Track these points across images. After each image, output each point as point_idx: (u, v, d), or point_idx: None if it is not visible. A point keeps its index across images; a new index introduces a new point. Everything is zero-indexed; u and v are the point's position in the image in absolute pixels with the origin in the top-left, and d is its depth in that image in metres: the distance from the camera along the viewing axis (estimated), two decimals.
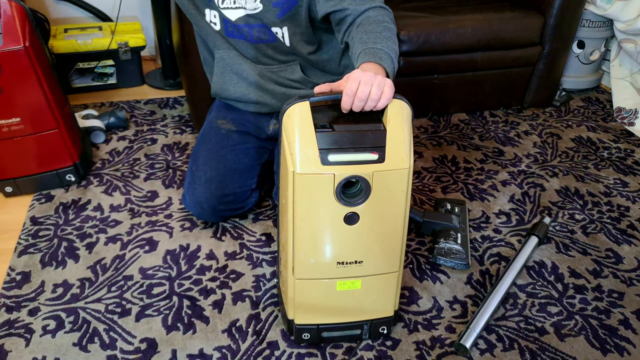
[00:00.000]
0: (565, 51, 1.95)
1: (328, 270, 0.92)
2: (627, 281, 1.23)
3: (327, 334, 1.02)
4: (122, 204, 1.43)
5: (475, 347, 1.05)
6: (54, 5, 2.16)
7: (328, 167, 0.81)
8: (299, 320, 0.99)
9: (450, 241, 1.27)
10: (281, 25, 1.16)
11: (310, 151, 0.81)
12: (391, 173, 0.83)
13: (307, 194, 0.84)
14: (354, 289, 0.95)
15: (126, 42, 2.01)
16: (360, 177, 0.82)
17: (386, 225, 0.89)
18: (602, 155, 1.74)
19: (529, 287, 1.20)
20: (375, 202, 0.85)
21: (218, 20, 1.19)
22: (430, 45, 1.75)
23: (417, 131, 1.86)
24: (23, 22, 1.35)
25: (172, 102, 1.99)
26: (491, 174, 1.62)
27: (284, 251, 0.96)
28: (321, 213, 0.86)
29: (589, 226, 1.41)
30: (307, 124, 0.82)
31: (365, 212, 0.86)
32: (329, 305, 0.97)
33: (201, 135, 1.35)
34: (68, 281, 1.18)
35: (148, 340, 1.05)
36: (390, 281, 0.96)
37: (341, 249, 0.89)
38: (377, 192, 0.84)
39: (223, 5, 1.15)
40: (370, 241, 0.89)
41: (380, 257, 0.92)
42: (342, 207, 0.84)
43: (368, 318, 1.01)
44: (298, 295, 0.96)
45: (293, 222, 0.87)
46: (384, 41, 1.00)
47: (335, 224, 0.86)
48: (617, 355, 1.05)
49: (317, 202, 0.84)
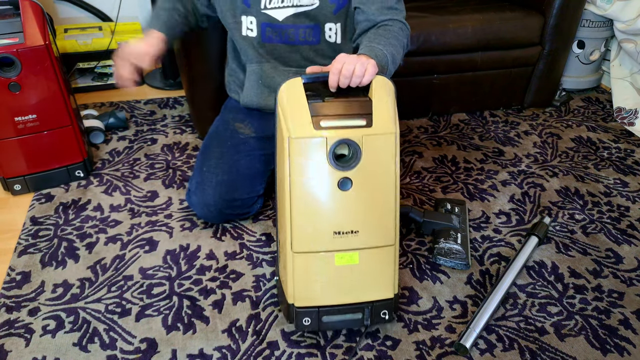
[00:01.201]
0: (565, 51, 1.95)
1: (325, 241, 0.93)
2: (627, 281, 1.23)
3: (327, 319, 1.00)
4: (122, 204, 1.43)
5: (475, 347, 1.05)
6: (55, 5, 2.16)
7: (320, 132, 0.88)
8: (299, 303, 0.98)
9: (450, 241, 1.27)
10: (336, 21, 1.18)
11: (303, 118, 0.89)
12: (379, 137, 0.90)
13: (302, 158, 0.89)
14: (353, 264, 0.96)
15: (126, 42, 2.01)
16: (350, 141, 0.89)
17: (378, 194, 0.93)
18: (602, 155, 1.74)
19: (529, 287, 1.20)
20: (366, 168, 0.91)
21: (255, 26, 1.19)
22: (430, 45, 1.75)
23: (417, 131, 1.86)
24: (41, 20, 1.37)
25: (172, 102, 1.99)
26: (491, 174, 1.62)
27: (282, 228, 0.97)
28: (316, 178, 0.90)
29: (589, 226, 1.41)
30: (300, 96, 0.91)
31: (357, 177, 0.91)
32: (328, 283, 0.97)
33: (215, 134, 1.33)
34: (68, 281, 1.18)
35: (148, 340, 1.05)
36: (388, 256, 0.97)
37: (337, 216, 0.92)
38: (367, 157, 0.90)
39: (270, 6, 1.16)
40: (364, 209, 0.93)
41: (375, 228, 0.95)
42: (336, 171, 0.90)
43: (368, 299, 1.00)
44: (297, 272, 0.96)
45: (290, 190, 0.91)
46: (386, 44, 1.04)
47: (330, 189, 0.91)
48: (617, 355, 1.05)
49: (311, 167, 0.90)
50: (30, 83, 1.32)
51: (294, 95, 0.91)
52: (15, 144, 1.39)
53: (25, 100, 1.34)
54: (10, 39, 1.31)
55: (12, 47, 1.28)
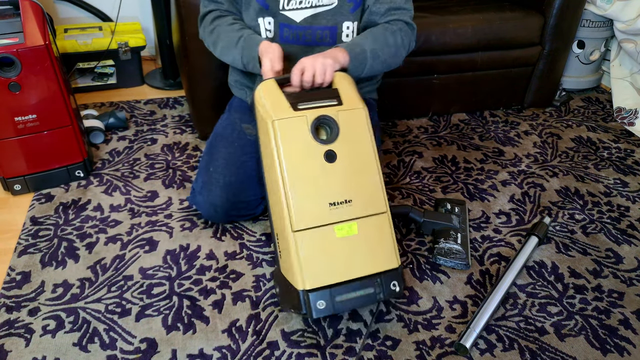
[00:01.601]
0: (565, 51, 1.95)
1: (324, 214, 0.98)
2: (627, 281, 1.23)
3: (340, 298, 0.99)
4: (122, 204, 1.43)
5: (475, 347, 1.05)
6: (55, 5, 2.16)
7: (299, 112, 1.00)
8: (310, 284, 0.96)
9: (450, 241, 1.27)
10: (353, 20, 1.21)
11: (282, 104, 1.01)
12: (351, 112, 1.03)
13: (287, 138, 0.98)
14: (352, 235, 0.99)
15: (126, 42, 2.01)
16: (328, 117, 1.00)
17: (361, 164, 1.03)
18: (602, 155, 1.74)
19: (529, 287, 1.20)
20: (346, 141, 1.01)
21: (273, 27, 1.21)
22: (430, 45, 1.75)
23: (417, 131, 1.86)
24: (41, 20, 1.37)
25: (172, 102, 1.99)
26: (491, 174, 1.62)
27: (279, 215, 0.99)
28: (303, 155, 0.99)
29: (589, 226, 1.41)
30: (275, 90, 1.04)
31: (340, 150, 1.01)
32: (333, 257, 0.98)
33: (221, 134, 1.32)
34: (68, 281, 1.18)
35: (148, 340, 1.05)
36: (383, 224, 1.03)
37: (329, 187, 0.99)
38: (344, 131, 1.01)
39: (288, 7, 1.17)
40: (352, 179, 1.01)
41: (365, 196, 1.02)
42: (320, 145, 0.99)
43: (376, 271, 1.01)
44: (301, 251, 0.96)
45: (281, 172, 0.97)
46: (372, 41, 1.12)
47: (318, 163, 0.99)
48: (617, 355, 1.05)
49: (297, 146, 0.98)
50: (30, 83, 1.32)
51: (269, 90, 1.04)
52: (15, 144, 1.39)
53: (25, 100, 1.34)
54: (10, 39, 1.31)
55: (12, 47, 1.28)
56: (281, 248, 1.03)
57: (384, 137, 1.81)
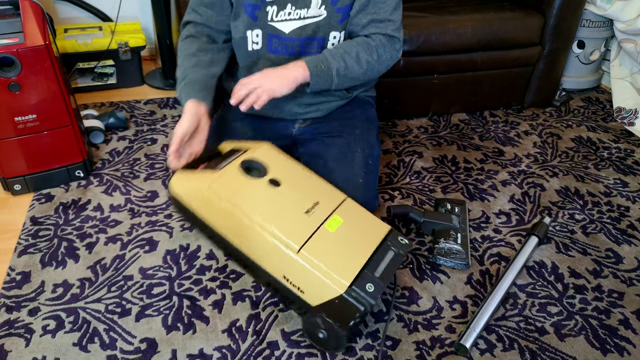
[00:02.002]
0: (565, 51, 1.95)
1: (307, 222, 1.00)
2: (627, 281, 1.23)
3: (377, 272, 0.97)
4: (122, 204, 1.43)
5: (475, 347, 1.05)
6: (55, 5, 2.16)
7: (224, 169, 1.06)
8: (347, 278, 0.93)
9: (450, 241, 1.27)
10: (340, 30, 1.20)
11: (204, 175, 1.05)
12: (262, 149, 1.13)
13: (231, 190, 1.01)
14: (341, 224, 1.03)
15: (126, 42, 2.01)
16: (248, 159, 1.08)
17: (300, 174, 1.11)
18: (602, 155, 1.74)
19: (529, 287, 1.20)
20: (276, 167, 1.08)
21: (260, 39, 1.20)
22: (430, 45, 1.75)
23: (417, 131, 1.86)
24: (41, 20, 1.37)
25: (172, 102, 1.99)
26: (491, 174, 1.62)
27: (273, 254, 0.98)
28: (254, 193, 1.02)
29: (589, 226, 1.41)
30: (188, 173, 1.09)
31: (277, 174, 1.07)
32: (343, 248, 0.99)
33: (214, 134, 1.32)
34: (68, 281, 1.18)
35: (148, 340, 1.05)
36: (354, 206, 1.10)
37: (293, 202, 1.03)
38: (267, 162, 1.09)
39: (277, 19, 1.17)
40: (304, 187, 1.08)
41: (324, 194, 1.08)
42: (260, 179, 1.05)
43: (381, 238, 1.04)
44: (317, 260, 0.95)
45: (249, 217, 0.98)
46: (338, 57, 1.13)
47: (270, 191, 1.04)
48: (617, 355, 1.05)
49: (243, 190, 1.02)
50: (30, 83, 1.32)
51: (183, 178, 1.08)
52: (15, 144, 1.39)
53: (25, 100, 1.34)
54: (10, 39, 1.31)
55: (12, 47, 1.28)
56: (298, 282, 0.98)
57: (384, 137, 1.81)
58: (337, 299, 0.93)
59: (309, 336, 1.02)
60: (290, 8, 1.16)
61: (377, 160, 1.30)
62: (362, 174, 1.22)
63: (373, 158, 1.28)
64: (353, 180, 1.20)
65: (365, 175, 1.22)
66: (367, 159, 1.25)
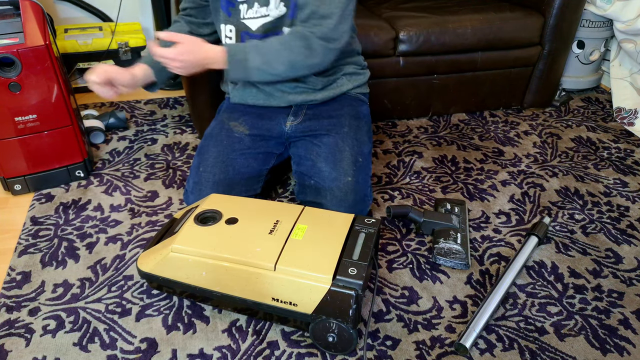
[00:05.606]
0: (565, 51, 1.95)
1: (274, 240, 1.02)
2: (627, 281, 1.23)
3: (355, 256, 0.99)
4: (122, 204, 1.43)
5: (475, 347, 1.05)
6: (55, 5, 2.16)
7: (177, 232, 1.06)
8: (328, 272, 0.95)
9: (450, 241, 1.27)
10: (290, 25, 1.23)
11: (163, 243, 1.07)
12: (210, 200, 1.14)
13: (193, 245, 1.02)
14: (306, 230, 1.05)
15: (126, 42, 2.01)
16: (202, 211, 1.10)
17: (253, 205, 1.13)
18: (602, 155, 1.74)
19: (528, 287, 1.20)
20: (227, 211, 1.10)
21: (234, 34, 1.27)
22: (430, 45, 1.75)
23: (417, 131, 1.86)
24: (41, 20, 1.37)
25: (172, 102, 1.99)
26: (491, 174, 1.62)
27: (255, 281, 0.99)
28: (216, 238, 1.03)
29: (588, 226, 1.41)
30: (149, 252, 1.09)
31: (231, 214, 1.09)
32: (316, 249, 1.00)
33: (211, 134, 1.34)
34: (68, 281, 1.18)
35: (148, 340, 1.05)
36: (314, 211, 1.11)
37: (255, 228, 1.05)
38: (219, 207, 1.11)
39: (247, 16, 1.23)
40: (256, 214, 1.09)
41: (282, 212, 1.10)
42: (216, 226, 1.06)
43: (346, 231, 1.05)
44: (295, 270, 0.95)
45: (219, 260, 0.99)
46: (258, 52, 1.16)
47: (230, 230, 1.05)
48: (617, 355, 1.05)
49: (206, 240, 1.02)
50: (30, 83, 1.32)
51: (146, 256, 1.09)
52: (16, 144, 1.39)
53: (26, 100, 1.34)
54: (11, 39, 1.31)
55: (12, 47, 1.28)
56: (287, 298, 0.98)
57: (384, 137, 1.81)
58: (327, 295, 0.95)
59: (322, 345, 1.02)
60: (257, 6, 1.21)
61: (367, 157, 1.31)
62: (351, 173, 1.23)
63: (363, 155, 1.28)
64: (342, 179, 1.21)
65: (354, 173, 1.23)
66: (357, 157, 1.26)
